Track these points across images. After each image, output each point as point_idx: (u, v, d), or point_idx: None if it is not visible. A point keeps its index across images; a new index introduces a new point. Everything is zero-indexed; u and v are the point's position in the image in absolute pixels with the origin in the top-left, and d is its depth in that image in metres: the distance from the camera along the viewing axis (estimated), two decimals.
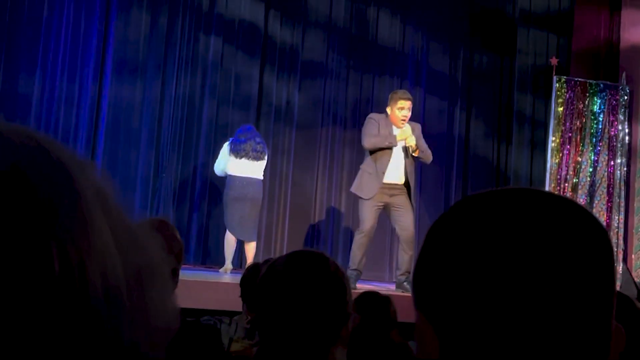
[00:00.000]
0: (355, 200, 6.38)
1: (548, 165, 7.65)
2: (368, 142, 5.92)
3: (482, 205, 0.70)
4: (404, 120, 5.91)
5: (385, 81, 8.15)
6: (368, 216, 5.91)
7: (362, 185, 5.97)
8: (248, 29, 7.80)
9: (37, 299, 0.43)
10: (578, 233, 0.66)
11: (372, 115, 6.18)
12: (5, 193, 0.43)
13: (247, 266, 4.53)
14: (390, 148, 5.88)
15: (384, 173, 5.88)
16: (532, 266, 0.64)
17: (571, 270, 0.64)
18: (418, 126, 6.12)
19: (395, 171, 5.92)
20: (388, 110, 5.99)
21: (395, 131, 5.90)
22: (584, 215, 0.68)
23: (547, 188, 7.54)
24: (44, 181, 0.45)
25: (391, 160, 5.91)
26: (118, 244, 0.48)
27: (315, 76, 8.03)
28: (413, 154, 5.92)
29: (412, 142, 5.84)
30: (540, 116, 8.31)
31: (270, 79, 7.89)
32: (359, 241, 5.94)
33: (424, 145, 6.04)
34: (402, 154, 5.94)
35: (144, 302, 0.49)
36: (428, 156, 6.07)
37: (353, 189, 6.15)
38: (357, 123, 7.50)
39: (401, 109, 5.89)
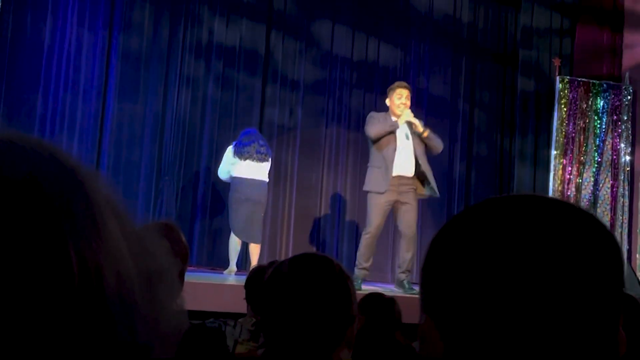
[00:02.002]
0: (360, 203, 6.38)
1: (552, 165, 7.63)
2: (372, 130, 5.92)
3: (491, 210, 0.70)
4: (401, 107, 5.94)
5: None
6: (375, 217, 5.90)
7: (373, 180, 5.94)
8: (249, 48, 7.82)
9: (58, 302, 0.44)
10: (588, 241, 0.67)
11: (372, 113, 6.23)
12: (22, 201, 0.45)
13: (251, 268, 4.53)
14: (393, 132, 5.88)
15: (392, 163, 5.86)
16: (541, 273, 0.64)
17: (580, 280, 0.65)
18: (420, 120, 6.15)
19: (404, 163, 5.91)
20: (387, 102, 6.07)
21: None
22: (593, 222, 0.69)
23: (550, 189, 7.54)
24: (58, 189, 0.47)
25: (397, 149, 5.90)
26: (129, 249, 0.49)
27: (317, 95, 8.03)
28: (422, 136, 5.93)
29: (415, 121, 5.90)
30: (543, 133, 8.22)
31: (272, 96, 7.89)
32: (366, 241, 5.97)
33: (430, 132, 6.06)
34: (408, 143, 5.93)
35: (154, 304, 0.50)
36: (438, 142, 6.07)
37: (365, 187, 6.10)
38: (360, 141, 7.47)
39: (400, 96, 5.96)
